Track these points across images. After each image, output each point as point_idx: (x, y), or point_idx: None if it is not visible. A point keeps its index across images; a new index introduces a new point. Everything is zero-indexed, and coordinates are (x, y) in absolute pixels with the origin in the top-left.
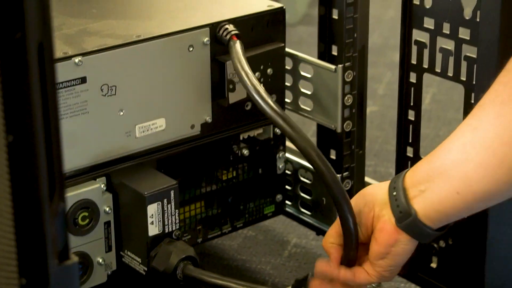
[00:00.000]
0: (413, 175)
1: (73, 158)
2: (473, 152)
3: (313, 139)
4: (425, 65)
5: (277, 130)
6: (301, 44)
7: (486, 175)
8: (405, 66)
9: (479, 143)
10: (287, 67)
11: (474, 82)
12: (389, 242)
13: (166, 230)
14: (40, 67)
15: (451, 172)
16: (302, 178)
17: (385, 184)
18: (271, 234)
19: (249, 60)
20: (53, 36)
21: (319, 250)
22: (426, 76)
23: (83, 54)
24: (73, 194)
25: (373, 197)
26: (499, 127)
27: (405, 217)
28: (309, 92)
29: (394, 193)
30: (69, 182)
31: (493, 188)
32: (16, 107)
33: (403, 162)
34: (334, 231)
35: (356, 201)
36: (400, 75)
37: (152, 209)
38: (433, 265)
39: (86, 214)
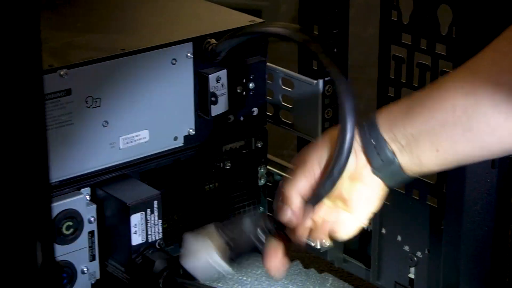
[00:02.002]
0: (390, 127)
1: (58, 169)
2: (464, 117)
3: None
4: (403, 80)
5: (259, 143)
6: (281, 61)
7: (473, 140)
8: (383, 81)
9: (472, 110)
10: (269, 81)
11: None
12: (367, 194)
13: (149, 240)
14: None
15: (436, 132)
16: None
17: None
18: None
19: (231, 74)
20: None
21: (301, 262)
22: (404, 91)
23: (68, 67)
24: (58, 204)
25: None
26: (497, 97)
27: (386, 165)
28: (290, 106)
29: (373, 142)
30: (54, 192)
31: (477, 152)
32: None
33: None
34: (308, 185)
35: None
36: (379, 90)
37: (136, 219)
38: (411, 275)
39: (71, 223)
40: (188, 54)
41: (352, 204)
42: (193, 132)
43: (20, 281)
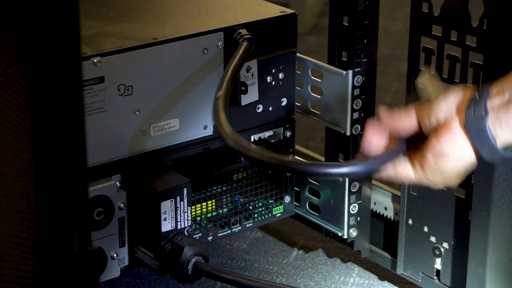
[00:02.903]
0: (499, 83)
1: (89, 155)
2: None
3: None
4: (433, 72)
5: (287, 133)
6: (310, 54)
7: None
8: (413, 72)
9: None
10: (298, 72)
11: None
12: (449, 140)
13: (179, 227)
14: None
15: None
16: (310, 180)
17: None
18: (279, 235)
19: (261, 64)
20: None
21: (326, 252)
22: None
23: (101, 55)
24: (89, 190)
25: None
26: None
27: (476, 120)
28: (319, 96)
29: (477, 97)
30: None
31: None
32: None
33: None
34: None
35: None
36: (408, 81)
37: (166, 206)
38: (437, 266)
39: (101, 209)
40: (219, 44)
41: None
42: None
43: (58, 266)
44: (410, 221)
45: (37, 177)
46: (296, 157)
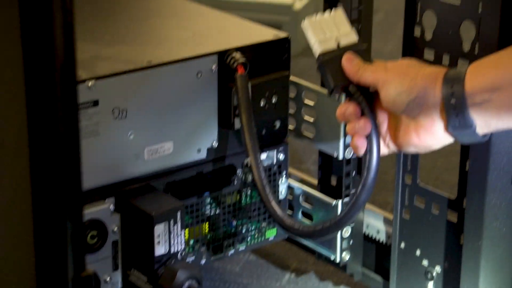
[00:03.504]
0: (477, 82)
1: (83, 179)
2: None
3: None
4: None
5: (281, 156)
6: (303, 75)
7: None
8: None
9: None
10: (291, 95)
11: None
12: (433, 144)
13: (172, 250)
14: (63, 88)
15: None
16: (303, 204)
17: (437, 81)
18: (271, 258)
19: (255, 88)
20: (76, 60)
21: (319, 275)
22: None
23: (96, 78)
24: (83, 214)
25: (425, 93)
26: None
27: (462, 127)
28: (311, 120)
29: (453, 101)
30: None
31: None
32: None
33: (403, 190)
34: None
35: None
36: None
37: (159, 229)
38: None
39: (95, 233)
40: (213, 68)
41: (407, 144)
42: (216, 144)
43: None
44: (402, 245)
45: (33, 201)
46: (290, 182)
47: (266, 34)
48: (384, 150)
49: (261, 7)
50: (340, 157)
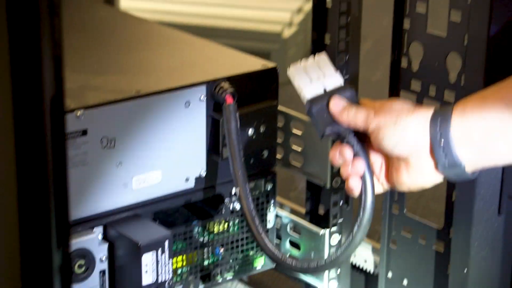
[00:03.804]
0: (463, 123)
1: (71, 208)
2: None
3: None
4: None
5: (268, 186)
6: (291, 103)
7: None
8: None
9: None
10: (279, 124)
11: None
12: (425, 183)
13: (160, 280)
14: (52, 118)
15: (509, 125)
16: (291, 233)
17: (425, 123)
18: (260, 287)
19: (243, 117)
20: (64, 90)
21: None
22: None
23: (85, 108)
24: (70, 243)
25: (414, 135)
26: None
27: (451, 167)
28: (299, 149)
29: (441, 142)
30: None
31: None
32: (27, 157)
33: (390, 219)
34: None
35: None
36: None
37: (147, 259)
38: None
39: (82, 262)
40: (202, 97)
41: (398, 182)
42: (204, 174)
43: None
44: (389, 274)
45: (20, 230)
46: (277, 211)
47: (254, 64)
48: (379, 189)
49: (250, 35)
50: (328, 186)
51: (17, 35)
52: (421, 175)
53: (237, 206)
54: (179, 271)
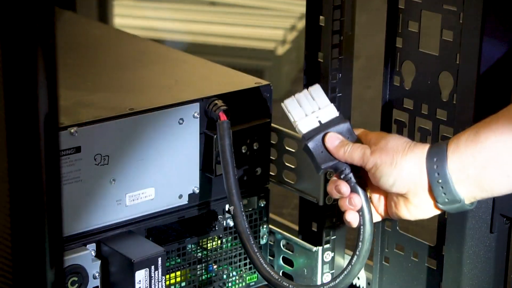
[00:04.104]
0: (458, 160)
1: (64, 225)
2: None
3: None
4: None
5: (261, 203)
6: (284, 120)
7: None
8: None
9: None
10: (272, 141)
11: None
12: (423, 217)
13: None
14: (46, 135)
15: (503, 157)
16: (284, 249)
17: (421, 160)
18: None
19: (236, 134)
20: (58, 107)
21: None
22: None
23: (78, 125)
24: (64, 259)
25: (410, 173)
26: None
27: (451, 203)
28: (293, 166)
29: (440, 180)
30: None
31: None
32: (21, 175)
33: (383, 236)
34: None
35: (380, 154)
36: None
37: (140, 275)
38: None
39: (76, 279)
40: (195, 114)
41: (398, 215)
42: (198, 190)
43: None
44: None
45: (13, 246)
46: (270, 226)
47: (247, 81)
48: (377, 218)
49: (243, 52)
50: (321, 203)
51: (12, 53)
52: (420, 210)
53: (231, 222)
54: None
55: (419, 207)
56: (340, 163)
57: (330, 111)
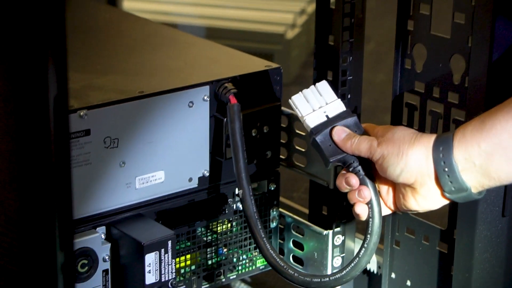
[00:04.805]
0: (464, 148)
1: (74, 207)
2: None
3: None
4: (415, 127)
5: (272, 186)
6: None
7: None
8: None
9: None
10: (283, 125)
11: None
12: (432, 207)
13: (163, 279)
14: (56, 118)
15: (509, 145)
16: (294, 233)
17: (428, 151)
18: (263, 287)
19: (246, 118)
20: (67, 90)
21: None
22: None
23: (88, 108)
24: (74, 242)
25: (417, 163)
26: None
27: (458, 191)
28: (303, 149)
29: (446, 169)
30: None
31: None
32: (30, 157)
33: (393, 220)
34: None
35: (387, 143)
36: None
37: (150, 258)
38: None
39: (86, 262)
40: (205, 97)
41: (407, 206)
42: (207, 174)
43: None
44: (393, 275)
45: (23, 229)
46: (280, 209)
47: (258, 64)
48: (386, 211)
49: (253, 36)
50: (331, 187)
51: (21, 36)
52: (428, 200)
53: (241, 206)
54: (182, 271)
55: (427, 198)
56: (348, 156)
57: (337, 106)
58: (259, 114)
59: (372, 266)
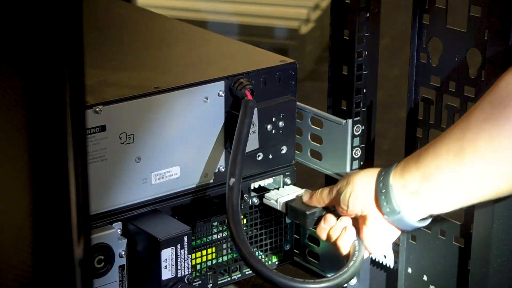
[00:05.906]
0: (401, 174)
1: (90, 203)
2: (454, 161)
3: None
4: (431, 121)
5: (287, 181)
6: (308, 99)
7: (463, 182)
8: (412, 122)
9: (459, 155)
10: (298, 120)
11: None
12: (384, 236)
13: (179, 275)
14: (72, 114)
15: (436, 175)
16: (310, 228)
17: (372, 177)
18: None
19: (262, 113)
20: (84, 86)
21: None
22: (432, 132)
23: (104, 104)
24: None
25: (362, 187)
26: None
27: (392, 213)
28: (318, 145)
29: (383, 190)
30: None
31: (471, 197)
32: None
33: None
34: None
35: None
36: (407, 131)
37: (166, 254)
38: None
39: (102, 257)
40: (220, 93)
41: (365, 238)
42: (223, 169)
43: None
44: (409, 270)
45: (39, 226)
46: None
47: (272, 59)
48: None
49: (267, 31)
50: None
51: (38, 32)
52: (377, 228)
53: (256, 201)
54: (198, 266)
55: (376, 227)
56: (320, 209)
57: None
58: (275, 109)
59: (389, 261)
